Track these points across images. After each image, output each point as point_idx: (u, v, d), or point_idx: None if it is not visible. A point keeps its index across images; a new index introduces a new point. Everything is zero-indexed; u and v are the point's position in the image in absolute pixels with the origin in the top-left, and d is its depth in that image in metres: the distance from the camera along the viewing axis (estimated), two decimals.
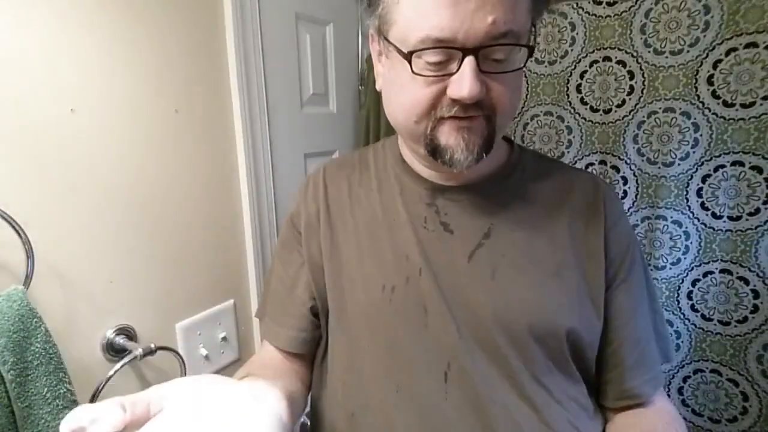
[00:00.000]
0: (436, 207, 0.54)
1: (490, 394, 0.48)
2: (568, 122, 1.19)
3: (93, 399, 0.64)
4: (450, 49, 0.41)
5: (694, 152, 1.04)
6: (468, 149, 0.45)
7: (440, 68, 0.43)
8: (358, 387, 0.54)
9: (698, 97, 1.01)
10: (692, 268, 1.07)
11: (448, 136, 0.45)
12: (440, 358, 0.49)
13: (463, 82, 0.41)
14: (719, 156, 1.01)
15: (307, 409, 0.63)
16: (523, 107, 1.26)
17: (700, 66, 1.00)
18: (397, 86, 0.47)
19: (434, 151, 0.47)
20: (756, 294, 1.01)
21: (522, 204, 0.54)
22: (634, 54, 1.07)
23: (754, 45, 0.94)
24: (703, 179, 1.04)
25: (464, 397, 0.48)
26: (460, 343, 0.49)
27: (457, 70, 0.41)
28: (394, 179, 0.58)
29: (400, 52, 0.44)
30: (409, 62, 0.43)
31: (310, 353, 0.62)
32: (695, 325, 1.09)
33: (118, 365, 0.67)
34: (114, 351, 0.70)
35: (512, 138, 0.63)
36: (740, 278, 1.02)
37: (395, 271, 0.53)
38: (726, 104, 0.99)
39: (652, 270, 1.10)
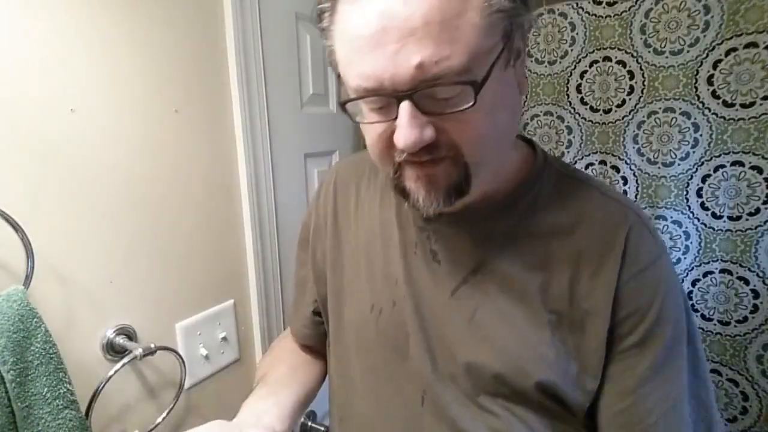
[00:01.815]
0: (428, 232, 0.50)
1: (465, 421, 0.47)
2: (568, 122, 1.19)
3: (93, 399, 0.64)
4: (384, 96, 0.36)
5: (694, 152, 1.04)
6: (430, 197, 0.40)
7: (385, 113, 0.38)
8: (347, 395, 0.56)
9: (698, 97, 1.01)
10: (692, 268, 1.08)
11: (410, 180, 0.41)
12: (417, 385, 0.49)
13: (400, 132, 0.36)
14: (719, 156, 1.01)
15: (307, 409, 0.65)
16: (523, 107, 1.26)
17: (700, 66, 1.00)
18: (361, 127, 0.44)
19: (402, 195, 0.42)
20: (756, 294, 1.01)
21: (523, 237, 0.47)
22: (634, 54, 1.07)
23: (754, 45, 0.94)
24: (703, 179, 1.04)
25: (440, 420, 0.48)
26: (434, 376, 0.48)
27: (397, 115, 0.36)
28: (394, 195, 0.54)
29: (341, 107, 0.41)
30: (345, 112, 0.40)
31: (322, 344, 0.65)
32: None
33: (118, 365, 0.67)
34: (114, 351, 0.70)
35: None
36: (740, 278, 1.02)
37: (384, 293, 0.52)
38: (726, 104, 0.99)
39: None
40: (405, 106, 0.35)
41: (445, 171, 0.39)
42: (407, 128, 0.35)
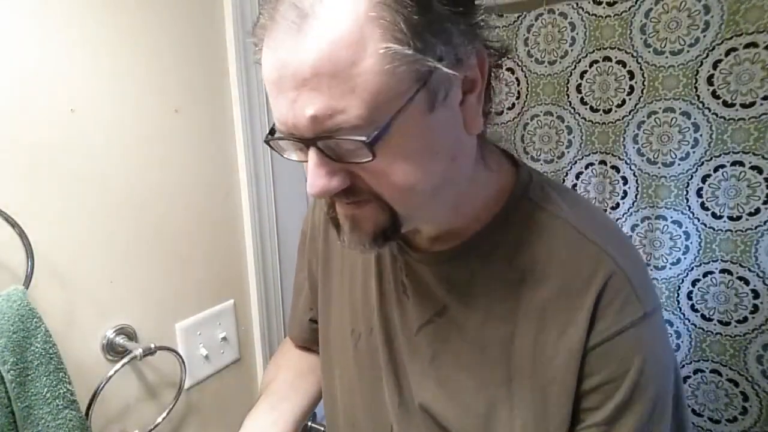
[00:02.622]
0: (399, 263, 0.48)
1: None
2: (568, 122, 1.19)
3: (93, 399, 0.64)
4: (295, 140, 0.34)
5: (694, 152, 1.04)
6: (355, 235, 0.38)
7: (305, 154, 0.36)
8: (331, 407, 0.58)
9: (698, 97, 1.01)
10: (692, 268, 1.08)
11: (340, 217, 0.39)
12: (386, 417, 0.50)
13: (309, 178, 0.34)
14: (719, 156, 1.01)
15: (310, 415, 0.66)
16: (523, 107, 1.26)
17: (700, 66, 1.00)
18: None
19: (336, 229, 0.41)
20: (756, 294, 1.01)
21: (488, 283, 0.42)
22: (634, 54, 1.07)
23: (754, 45, 0.94)
24: (703, 179, 1.04)
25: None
26: (400, 411, 0.48)
27: None
28: None
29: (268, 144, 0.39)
30: (270, 147, 0.39)
31: None
32: (695, 325, 1.09)
33: (118, 365, 0.67)
34: (114, 351, 0.70)
35: (515, 151, 0.52)
36: (740, 278, 1.02)
37: (363, 318, 0.52)
38: (726, 104, 0.99)
39: (651, 270, 1.10)
40: (311, 154, 0.33)
41: (371, 213, 0.37)
42: (313, 176, 0.34)
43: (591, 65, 1.13)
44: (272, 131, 0.37)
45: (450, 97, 0.34)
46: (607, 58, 1.11)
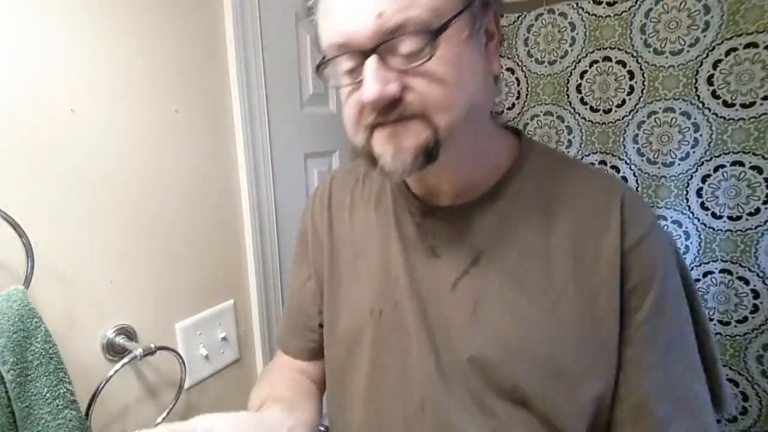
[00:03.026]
0: (425, 227, 0.50)
1: (467, 428, 0.46)
2: (568, 122, 1.20)
3: (93, 399, 0.64)
4: (352, 53, 0.39)
5: (694, 152, 1.04)
6: (398, 156, 0.40)
7: (355, 75, 0.40)
8: (345, 405, 0.55)
9: (698, 97, 1.01)
10: (692, 268, 1.08)
11: (378, 145, 0.41)
12: (417, 391, 0.48)
13: (364, 86, 0.38)
14: (719, 156, 1.01)
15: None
16: (523, 107, 1.26)
17: (700, 66, 1.00)
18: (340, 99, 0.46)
19: (371, 162, 0.43)
20: (756, 294, 1.01)
21: (517, 224, 0.46)
22: (634, 54, 1.07)
23: (754, 45, 0.94)
24: (703, 179, 1.04)
25: (440, 429, 0.47)
26: (437, 376, 0.47)
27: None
28: (390, 196, 0.54)
29: (316, 70, 0.43)
30: (321, 76, 0.42)
31: (320, 356, 0.62)
32: None
33: (118, 365, 0.67)
34: (114, 351, 0.70)
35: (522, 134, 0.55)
36: (740, 278, 1.02)
37: (385, 294, 0.51)
38: (726, 104, 0.99)
39: None
40: (369, 62, 0.37)
41: (414, 131, 0.40)
42: (371, 81, 0.37)
43: (591, 65, 1.13)
44: (320, 63, 0.41)
45: (480, 34, 0.41)
46: (607, 58, 1.11)
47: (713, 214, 1.04)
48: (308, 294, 0.61)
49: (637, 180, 1.11)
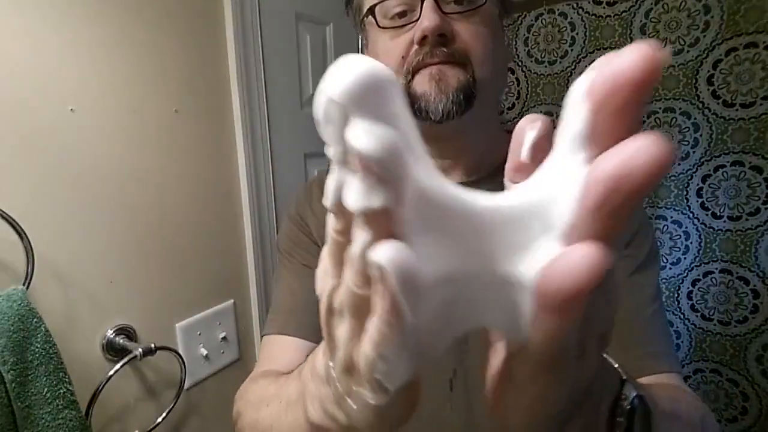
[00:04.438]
0: None
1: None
2: None
3: (93, 399, 0.64)
4: None
5: (694, 152, 1.04)
6: (442, 94, 0.44)
7: (405, 18, 0.45)
8: None
9: (698, 97, 1.01)
10: (692, 268, 1.08)
11: (422, 85, 0.44)
12: (444, 366, 0.47)
13: (423, 19, 0.42)
14: (719, 156, 1.01)
15: None
16: (523, 107, 1.26)
17: (700, 66, 1.00)
18: (374, 53, 0.49)
19: (412, 104, 0.45)
20: (756, 294, 1.01)
21: None
22: None
23: (754, 45, 0.94)
24: (703, 179, 1.04)
25: (469, 408, 0.45)
26: (467, 347, 0.46)
27: (419, 16, 0.43)
28: None
29: (368, 11, 0.46)
30: (373, 16, 0.46)
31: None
32: (695, 325, 1.09)
33: (118, 365, 0.67)
34: (114, 351, 0.70)
35: None
36: (740, 278, 1.02)
37: None
38: (726, 104, 0.99)
39: None
40: (428, 2, 0.42)
41: (457, 73, 0.44)
42: (429, 15, 0.42)
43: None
44: (373, 5, 0.46)
45: (502, 23, 0.48)
46: None
47: (713, 214, 1.04)
48: (309, 276, 0.57)
49: None
